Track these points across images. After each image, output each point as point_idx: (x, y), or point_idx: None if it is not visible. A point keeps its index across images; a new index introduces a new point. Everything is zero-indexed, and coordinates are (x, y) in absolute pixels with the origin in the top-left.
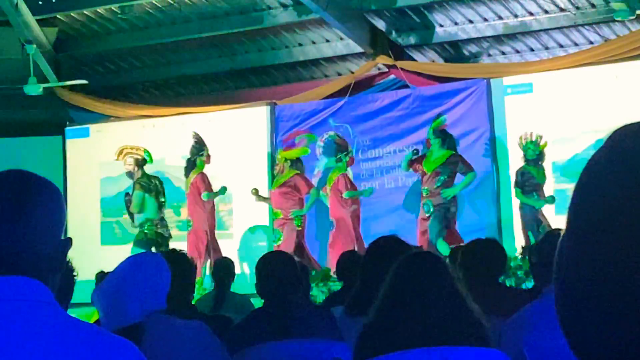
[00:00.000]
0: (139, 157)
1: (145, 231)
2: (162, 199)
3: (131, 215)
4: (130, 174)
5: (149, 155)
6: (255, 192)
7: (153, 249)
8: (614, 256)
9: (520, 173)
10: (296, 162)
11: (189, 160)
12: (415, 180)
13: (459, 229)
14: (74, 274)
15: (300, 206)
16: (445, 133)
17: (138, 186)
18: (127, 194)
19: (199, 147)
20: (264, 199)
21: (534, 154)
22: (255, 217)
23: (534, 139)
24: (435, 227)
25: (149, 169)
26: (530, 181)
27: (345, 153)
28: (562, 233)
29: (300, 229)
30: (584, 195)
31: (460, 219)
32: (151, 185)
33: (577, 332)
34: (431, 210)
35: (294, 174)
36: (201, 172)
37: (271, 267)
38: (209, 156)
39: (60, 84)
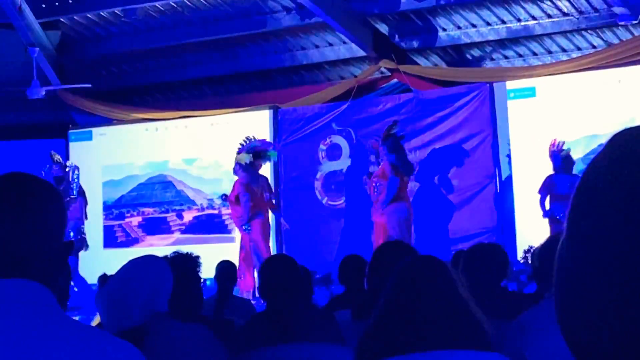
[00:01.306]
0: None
1: (80, 237)
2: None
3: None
4: (59, 180)
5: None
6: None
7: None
8: (613, 260)
9: (549, 179)
10: (248, 167)
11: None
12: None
13: (462, 233)
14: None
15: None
16: (393, 139)
17: (81, 192)
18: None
19: (257, 154)
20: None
21: (558, 161)
22: None
23: (557, 143)
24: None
25: (152, 170)
26: (555, 188)
27: None
28: (562, 238)
29: (247, 233)
30: (584, 199)
31: (463, 223)
32: (83, 191)
33: (576, 336)
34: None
35: (235, 181)
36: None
37: (274, 270)
38: (260, 164)
39: (63, 87)
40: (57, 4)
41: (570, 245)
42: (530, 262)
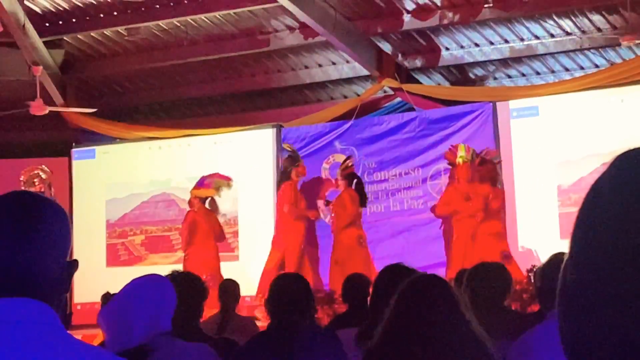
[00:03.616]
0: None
1: None
2: None
3: None
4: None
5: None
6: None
7: None
8: (617, 281)
9: None
10: (204, 201)
11: (282, 172)
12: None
13: None
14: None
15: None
16: (352, 175)
17: None
18: None
19: (295, 158)
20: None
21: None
22: (260, 239)
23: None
24: None
25: (154, 188)
26: None
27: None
28: (565, 257)
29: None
30: (588, 219)
31: None
32: None
33: (579, 356)
34: None
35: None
36: (290, 183)
37: (283, 287)
38: (303, 167)
39: (67, 109)
40: (60, 22)
41: (574, 264)
42: (532, 281)
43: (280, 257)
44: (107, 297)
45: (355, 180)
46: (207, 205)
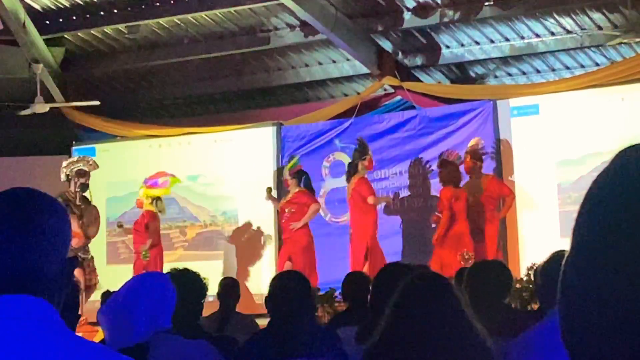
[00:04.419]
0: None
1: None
2: None
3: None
4: (85, 186)
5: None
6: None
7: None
8: (618, 279)
9: None
10: (156, 201)
11: (350, 164)
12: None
13: None
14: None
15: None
16: (300, 173)
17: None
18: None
19: (363, 151)
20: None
21: None
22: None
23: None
24: None
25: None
26: None
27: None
28: (566, 255)
29: (147, 261)
30: (588, 217)
31: None
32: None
33: (580, 354)
34: None
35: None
36: (362, 177)
37: (284, 286)
38: (371, 161)
39: (69, 104)
40: (61, 20)
41: (575, 261)
42: (533, 279)
43: (364, 247)
44: (107, 294)
45: (303, 177)
46: (155, 205)
